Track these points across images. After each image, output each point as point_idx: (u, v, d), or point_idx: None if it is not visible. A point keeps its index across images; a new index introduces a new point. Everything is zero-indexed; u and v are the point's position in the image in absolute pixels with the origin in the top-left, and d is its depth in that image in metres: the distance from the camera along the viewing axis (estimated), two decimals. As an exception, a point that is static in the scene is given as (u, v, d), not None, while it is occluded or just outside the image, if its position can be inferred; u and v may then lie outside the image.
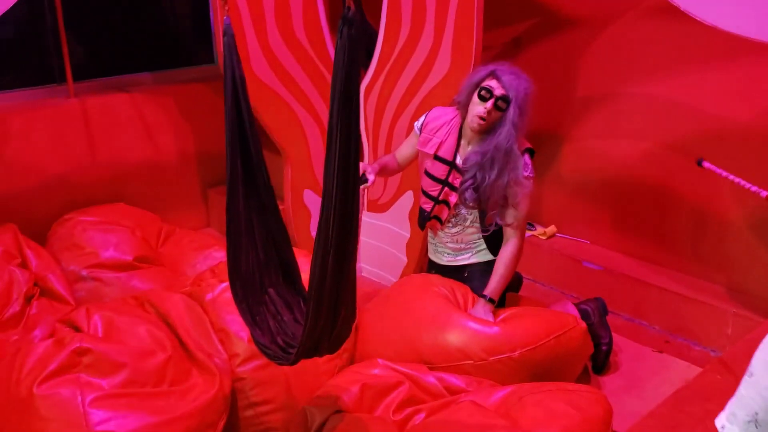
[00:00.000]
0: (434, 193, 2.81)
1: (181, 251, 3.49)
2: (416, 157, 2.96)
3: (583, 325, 2.71)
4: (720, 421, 1.29)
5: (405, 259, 3.77)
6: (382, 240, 3.82)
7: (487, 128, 2.61)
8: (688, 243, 3.41)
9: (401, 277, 3.69)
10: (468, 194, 2.68)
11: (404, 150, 2.98)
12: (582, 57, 3.57)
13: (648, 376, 2.87)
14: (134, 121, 3.72)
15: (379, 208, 3.84)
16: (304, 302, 2.14)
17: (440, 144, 2.77)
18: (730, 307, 3.05)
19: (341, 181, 1.78)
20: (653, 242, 3.53)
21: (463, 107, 2.69)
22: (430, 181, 2.83)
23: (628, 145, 3.45)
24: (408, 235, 3.74)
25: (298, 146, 3.63)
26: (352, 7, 1.65)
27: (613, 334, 2.96)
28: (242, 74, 1.99)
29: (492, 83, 2.58)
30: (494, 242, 2.81)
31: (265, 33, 3.33)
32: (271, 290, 2.16)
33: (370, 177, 2.74)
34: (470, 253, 2.88)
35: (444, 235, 2.89)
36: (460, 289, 2.80)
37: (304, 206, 3.74)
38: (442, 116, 2.81)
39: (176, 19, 4.16)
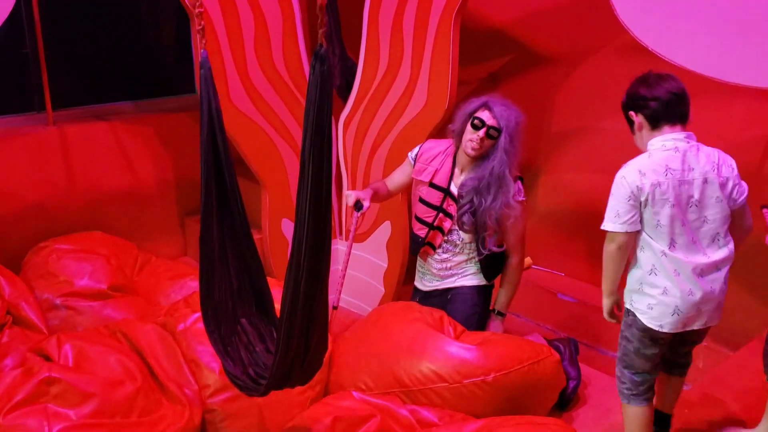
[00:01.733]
0: (429, 219, 2.90)
1: (156, 280, 3.48)
2: (407, 185, 3.05)
3: (557, 356, 2.76)
4: None
5: (382, 288, 3.78)
6: (359, 270, 3.83)
7: (480, 155, 2.74)
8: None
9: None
10: (465, 218, 2.78)
11: (396, 177, 3.06)
12: (557, 93, 3.64)
13: (619, 409, 2.87)
14: (113, 149, 3.73)
15: (357, 238, 3.84)
16: (277, 332, 2.15)
17: (435, 172, 2.88)
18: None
19: (313, 213, 1.80)
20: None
21: (458, 136, 2.81)
22: (424, 207, 2.91)
23: (602, 178, 3.44)
24: (385, 265, 3.76)
25: (277, 175, 3.65)
26: (324, 44, 1.69)
27: (586, 367, 2.97)
28: (218, 106, 2.02)
29: (484, 114, 2.72)
30: (488, 268, 2.92)
31: (244, 64, 3.37)
32: (243, 320, 2.17)
33: (365, 203, 2.87)
34: (456, 278, 2.95)
35: (433, 261, 2.97)
36: (436, 313, 2.83)
37: (281, 235, 3.75)
38: (436, 147, 2.92)
39: (158, 49, 4.20)
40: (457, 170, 2.85)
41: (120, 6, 3.87)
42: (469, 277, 2.93)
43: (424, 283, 3.04)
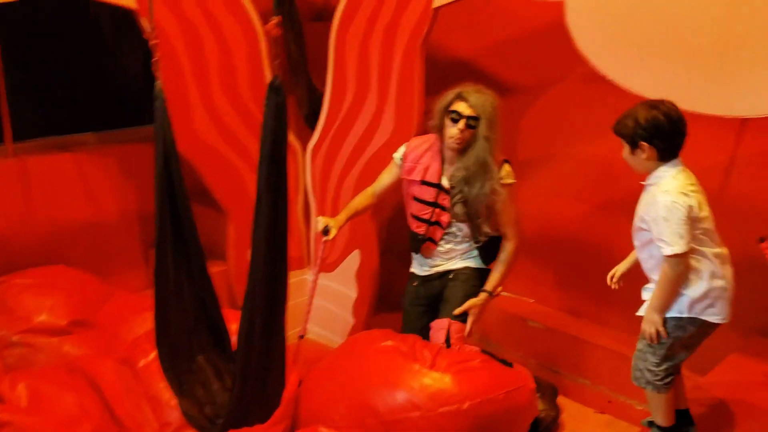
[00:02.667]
0: (426, 216, 2.90)
1: (119, 314, 3.39)
2: (396, 187, 3.03)
3: (533, 384, 2.74)
4: None
5: (352, 320, 3.74)
6: (328, 300, 3.78)
7: (464, 146, 2.74)
8: (630, 302, 3.45)
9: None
10: (457, 208, 2.80)
11: (384, 180, 3.04)
12: (522, 121, 3.66)
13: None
14: (75, 181, 3.67)
15: (325, 267, 3.81)
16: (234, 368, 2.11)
17: (425, 169, 2.87)
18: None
19: (269, 245, 1.78)
20: (596, 301, 3.56)
21: (439, 131, 2.82)
22: (420, 205, 2.91)
23: (569, 205, 3.51)
24: (355, 295, 3.72)
25: (242, 205, 3.60)
26: (279, 75, 1.68)
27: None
28: (173, 138, 2.00)
29: (460, 106, 2.72)
30: (486, 252, 2.93)
31: (209, 93, 3.34)
32: (200, 357, 2.13)
33: (333, 231, 2.88)
34: (458, 259, 2.96)
35: (436, 252, 2.96)
36: (410, 339, 2.81)
37: (247, 266, 3.70)
38: (422, 144, 2.92)
39: (122, 79, 4.15)
40: (446, 164, 2.85)
41: (83, 35, 3.83)
42: (471, 260, 2.95)
43: (424, 268, 3.03)
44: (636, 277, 3.37)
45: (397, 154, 2.97)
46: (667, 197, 2.28)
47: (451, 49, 3.76)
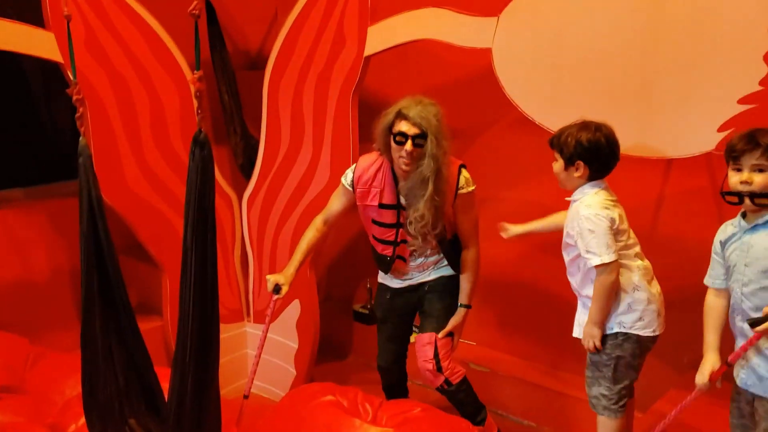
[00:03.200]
0: (390, 238, 2.83)
1: (50, 376, 3.23)
2: (346, 212, 2.95)
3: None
4: None
5: (294, 371, 3.66)
6: (268, 353, 3.70)
7: (416, 164, 2.62)
8: (570, 342, 3.48)
9: (290, 389, 3.57)
10: (413, 226, 2.72)
11: (335, 206, 2.95)
12: (458, 164, 3.70)
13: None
14: (2, 238, 3.53)
15: (264, 319, 3.73)
16: (167, 431, 2.02)
17: (381, 192, 2.78)
18: (612, 404, 3.09)
19: (198, 303, 1.73)
20: (538, 342, 3.59)
21: (385, 152, 2.72)
22: (381, 228, 2.83)
23: (507, 246, 3.50)
24: (296, 346, 3.65)
25: (177, 259, 3.51)
26: (203, 129, 1.66)
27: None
28: (99, 194, 1.93)
29: (403, 125, 2.59)
30: (457, 259, 2.88)
31: (140, 146, 3.28)
32: (132, 420, 2.03)
33: (284, 288, 2.84)
34: (431, 270, 2.91)
35: (409, 267, 2.91)
36: (351, 393, 2.76)
37: (185, 319, 3.61)
38: (370, 166, 2.80)
39: (51, 132, 4.05)
40: (400, 182, 2.75)
41: (8, 87, 3.73)
42: (444, 269, 2.91)
43: (396, 281, 2.97)
44: (562, 311, 3.43)
45: (346, 180, 2.86)
46: (590, 210, 2.36)
47: (385, 95, 3.79)
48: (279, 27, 4.20)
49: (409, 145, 2.57)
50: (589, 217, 2.36)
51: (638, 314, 2.42)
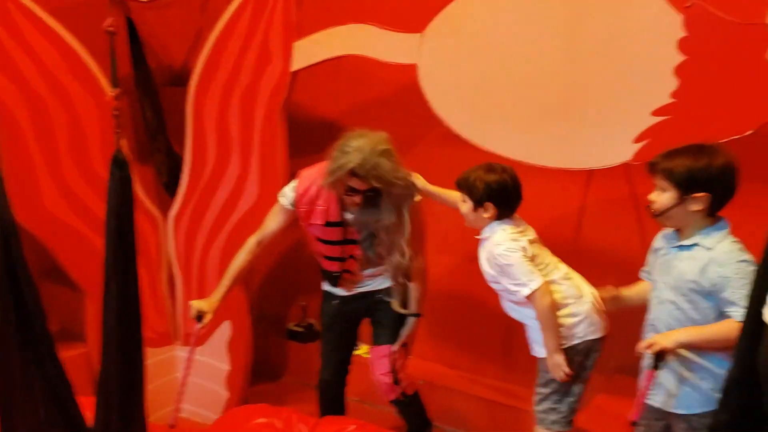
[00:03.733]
0: (337, 254, 2.77)
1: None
2: (284, 231, 2.88)
3: None
4: None
5: (227, 393, 3.58)
6: (200, 376, 3.60)
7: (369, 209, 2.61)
8: (501, 351, 3.54)
9: (223, 412, 3.49)
10: (365, 245, 2.70)
11: (271, 227, 2.85)
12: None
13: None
14: None
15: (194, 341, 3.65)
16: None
17: (326, 211, 2.71)
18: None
19: (122, 327, 1.68)
20: (470, 352, 3.62)
21: (331, 188, 2.63)
22: (327, 246, 2.77)
23: (437, 260, 3.53)
24: (228, 368, 3.57)
25: (100, 281, 3.40)
26: (123, 149, 1.61)
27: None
28: (11, 217, 1.85)
29: (354, 182, 2.53)
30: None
31: (59, 167, 3.16)
32: (53, 453, 1.94)
33: (207, 316, 2.77)
34: (382, 278, 2.87)
35: (357, 280, 2.87)
36: (284, 413, 2.71)
37: (111, 346, 3.49)
38: (312, 184, 2.72)
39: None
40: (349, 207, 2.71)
41: None
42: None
43: (344, 290, 2.91)
44: (503, 328, 3.48)
45: (285, 199, 2.77)
46: (501, 248, 2.40)
47: (314, 110, 3.79)
48: (203, 43, 4.17)
49: (358, 198, 2.58)
50: (502, 254, 2.40)
51: (584, 321, 2.43)
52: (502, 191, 2.41)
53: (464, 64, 2.73)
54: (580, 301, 2.45)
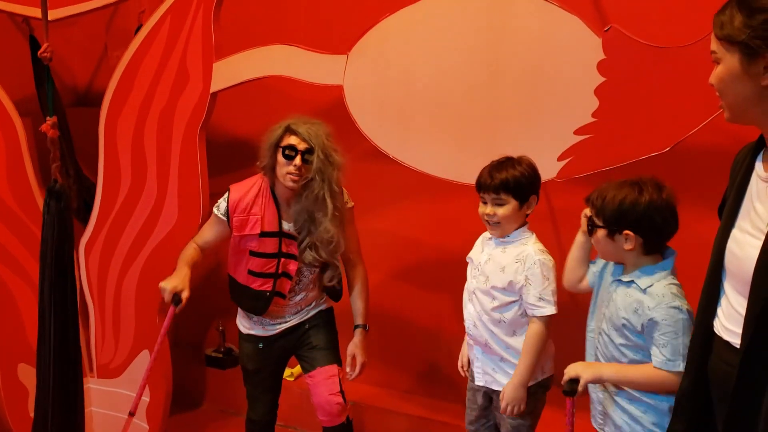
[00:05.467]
0: (271, 270, 2.65)
1: None
2: (219, 243, 2.78)
3: None
4: None
5: (146, 425, 3.43)
6: (117, 409, 3.45)
7: (303, 183, 2.56)
8: (426, 366, 3.58)
9: (144, 446, 3.36)
10: (307, 255, 2.62)
11: (207, 236, 2.76)
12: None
13: None
14: None
15: (110, 372, 3.49)
16: None
17: (261, 220, 2.62)
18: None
19: (60, 364, 1.58)
20: (396, 369, 3.64)
21: (270, 170, 2.61)
22: (260, 260, 2.65)
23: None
24: (147, 399, 3.42)
25: (9, 317, 3.19)
26: (59, 179, 1.53)
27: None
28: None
29: (292, 139, 2.56)
30: (333, 289, 2.77)
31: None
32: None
33: (184, 294, 2.55)
34: (311, 307, 2.80)
35: (287, 306, 2.75)
36: None
37: (19, 383, 3.26)
38: (248, 193, 2.66)
39: None
40: (282, 206, 2.66)
41: None
42: (323, 303, 2.82)
43: (268, 328, 2.78)
44: (428, 342, 3.53)
45: (219, 209, 2.69)
46: (545, 256, 2.27)
47: (234, 132, 3.73)
48: (108, 62, 4.01)
49: (298, 160, 2.54)
50: (545, 263, 2.24)
51: (549, 354, 2.37)
52: (530, 187, 2.31)
53: (389, 84, 2.76)
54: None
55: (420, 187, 3.23)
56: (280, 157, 2.57)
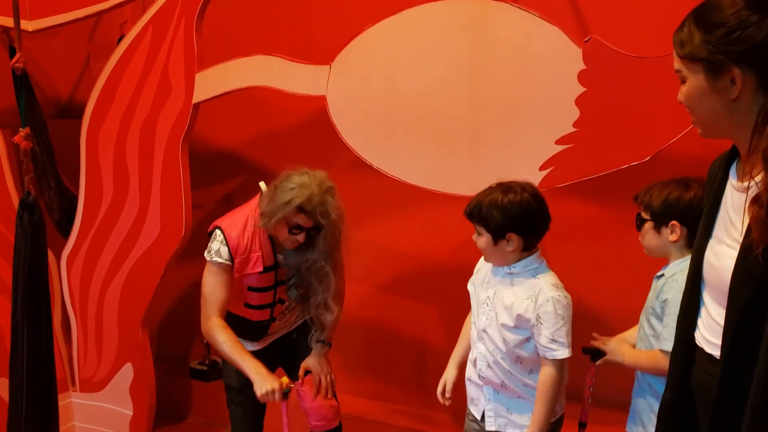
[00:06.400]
0: (269, 300, 2.60)
1: None
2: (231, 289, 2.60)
3: None
4: None
5: (130, 440, 3.40)
6: (99, 423, 3.42)
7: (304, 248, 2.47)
8: (413, 376, 3.56)
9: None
10: (293, 291, 2.57)
11: (223, 296, 2.49)
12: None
13: None
14: None
15: (93, 386, 3.45)
16: None
17: (262, 257, 2.53)
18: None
19: (33, 379, 1.55)
20: (382, 380, 3.62)
21: (269, 229, 2.46)
22: (259, 294, 2.58)
23: (349, 289, 3.54)
24: (131, 413, 3.39)
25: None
26: (33, 191, 1.51)
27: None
28: None
29: (300, 219, 2.40)
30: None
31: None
32: None
33: (285, 382, 2.40)
34: (297, 318, 2.77)
35: (276, 328, 2.72)
36: None
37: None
38: (244, 233, 2.51)
39: None
40: (275, 239, 2.55)
41: None
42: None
43: (256, 344, 2.71)
44: (415, 353, 3.51)
45: (221, 256, 2.49)
46: (560, 293, 2.07)
47: (216, 142, 3.72)
48: (91, 73, 3.99)
49: (302, 237, 2.44)
50: (559, 300, 2.04)
51: (561, 394, 2.19)
52: (525, 220, 2.08)
53: (372, 94, 2.75)
54: None
55: (404, 198, 3.23)
56: (282, 226, 2.45)
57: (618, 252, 2.92)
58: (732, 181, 1.45)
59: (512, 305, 2.08)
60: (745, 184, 1.36)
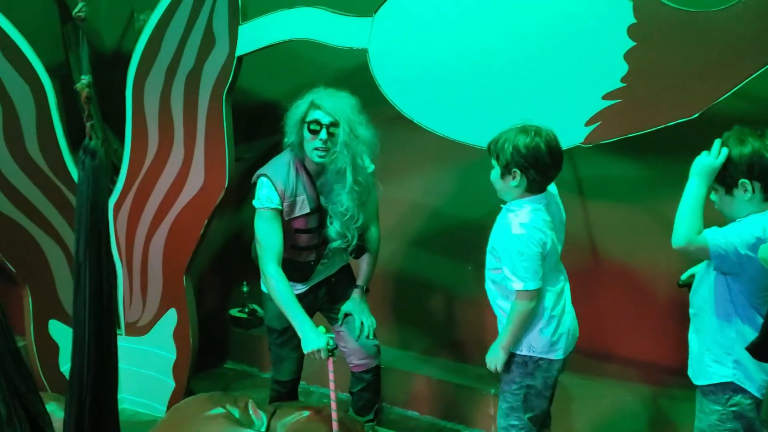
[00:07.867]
0: (316, 241, 2.73)
1: None
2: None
3: None
4: None
5: (173, 383, 3.52)
6: (144, 365, 3.54)
7: (331, 157, 2.57)
8: (448, 329, 3.62)
9: (169, 402, 3.44)
10: (336, 223, 2.66)
11: (278, 241, 2.62)
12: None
13: None
14: None
15: (137, 331, 3.57)
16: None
17: (306, 199, 2.66)
18: (490, 387, 3.25)
19: (95, 323, 1.63)
20: (418, 332, 3.68)
21: (297, 147, 2.63)
22: (307, 235, 2.71)
23: (386, 243, 3.59)
24: (174, 357, 3.51)
25: (39, 273, 3.28)
26: (93, 137, 1.56)
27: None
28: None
29: (317, 114, 2.56)
30: (356, 248, 2.82)
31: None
32: (17, 451, 1.87)
33: (332, 341, 2.59)
34: (338, 261, 2.89)
35: (318, 270, 2.83)
36: (242, 401, 2.65)
37: (49, 339, 3.36)
38: (287, 177, 2.63)
39: None
40: (316, 179, 2.67)
41: None
42: (345, 255, 2.89)
43: (298, 287, 2.80)
44: (450, 307, 3.56)
45: (271, 202, 2.61)
46: (523, 231, 2.23)
47: (259, 95, 3.73)
48: (135, 25, 4.02)
49: (323, 134, 2.55)
50: (520, 238, 2.22)
51: (549, 338, 2.33)
52: (531, 157, 2.22)
53: (415, 47, 2.74)
54: (563, 319, 2.36)
55: (444, 153, 3.23)
56: (305, 133, 2.58)
57: (661, 213, 2.89)
58: None
59: (494, 233, 2.36)
60: None
